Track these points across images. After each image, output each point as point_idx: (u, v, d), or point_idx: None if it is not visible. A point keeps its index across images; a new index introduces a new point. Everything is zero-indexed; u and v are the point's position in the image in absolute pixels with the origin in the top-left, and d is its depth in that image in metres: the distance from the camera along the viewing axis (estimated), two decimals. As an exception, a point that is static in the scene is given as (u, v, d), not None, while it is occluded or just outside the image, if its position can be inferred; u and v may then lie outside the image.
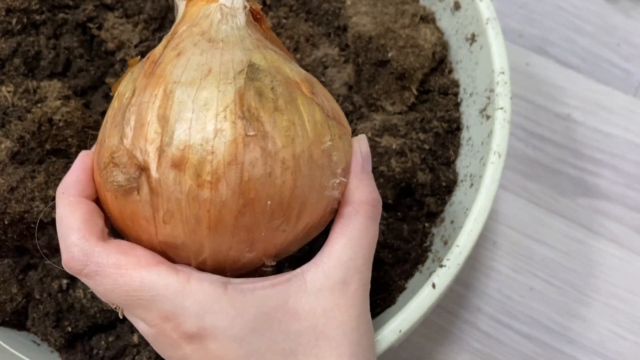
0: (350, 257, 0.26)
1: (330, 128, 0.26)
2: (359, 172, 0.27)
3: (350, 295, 0.26)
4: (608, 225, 0.51)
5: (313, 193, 0.25)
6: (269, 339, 0.24)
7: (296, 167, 0.24)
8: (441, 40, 0.42)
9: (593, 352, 0.47)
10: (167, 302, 0.24)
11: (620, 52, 0.57)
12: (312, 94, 0.26)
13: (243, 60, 0.25)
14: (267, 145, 0.23)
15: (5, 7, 0.40)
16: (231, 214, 0.23)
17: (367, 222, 0.27)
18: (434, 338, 0.48)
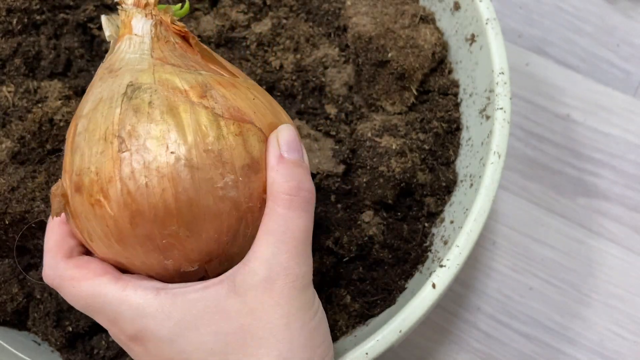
0: (273, 254, 0.25)
1: (221, 127, 0.26)
2: (274, 164, 0.26)
3: (277, 293, 0.25)
4: (607, 225, 0.51)
5: (204, 196, 0.25)
6: (197, 339, 0.25)
7: (173, 174, 0.25)
8: (441, 41, 0.42)
9: (592, 351, 0.48)
10: (109, 308, 0.26)
11: (620, 52, 0.58)
12: (202, 98, 0.26)
13: (127, 82, 0.27)
14: (142, 157, 0.25)
15: (5, 8, 0.40)
16: (125, 226, 0.25)
17: (287, 214, 0.26)
18: (434, 338, 0.48)
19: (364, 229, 0.38)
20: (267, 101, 0.29)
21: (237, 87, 0.28)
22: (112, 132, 0.25)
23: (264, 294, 0.25)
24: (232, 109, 0.27)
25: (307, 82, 0.42)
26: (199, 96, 0.26)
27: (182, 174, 0.25)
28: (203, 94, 0.27)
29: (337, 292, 0.37)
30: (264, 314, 0.25)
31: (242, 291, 0.25)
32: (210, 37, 0.43)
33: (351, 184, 0.39)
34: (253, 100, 0.28)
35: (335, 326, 0.36)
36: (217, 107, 0.26)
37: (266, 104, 0.28)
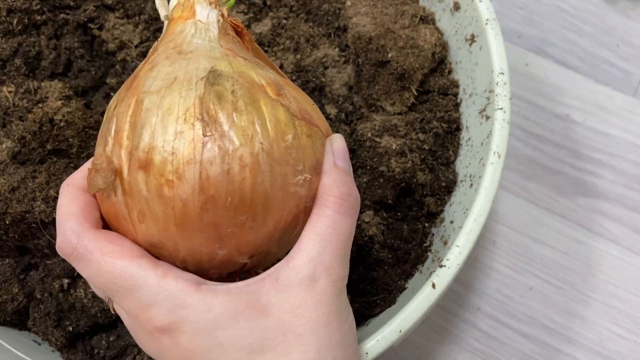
0: (318, 253, 0.26)
1: (296, 127, 0.26)
2: (329, 169, 0.27)
3: (319, 291, 0.25)
4: (607, 225, 0.51)
5: (277, 190, 0.25)
6: (234, 334, 0.25)
7: (254, 165, 0.25)
8: (441, 41, 0.42)
9: (592, 351, 0.48)
10: (143, 293, 0.25)
11: (620, 52, 0.58)
12: (278, 95, 0.27)
13: (207, 67, 0.27)
14: (224, 144, 0.25)
15: (6, 8, 0.40)
16: (194, 210, 0.25)
17: (335, 217, 0.26)
18: (434, 338, 0.48)
19: (364, 229, 0.38)
20: (317, 108, 0.30)
21: (297, 89, 0.29)
22: (193, 115, 0.25)
23: (307, 291, 0.25)
24: (303, 111, 0.27)
25: (307, 82, 0.42)
26: (276, 93, 0.27)
27: (263, 167, 0.25)
28: (279, 91, 0.27)
29: (337, 292, 0.37)
30: (305, 311, 0.25)
31: (284, 287, 0.25)
32: (210, 37, 0.43)
33: (351, 184, 0.39)
34: (312, 106, 0.29)
35: (335, 326, 0.36)
36: (291, 106, 0.27)
37: (318, 111, 0.29)
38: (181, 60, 0.27)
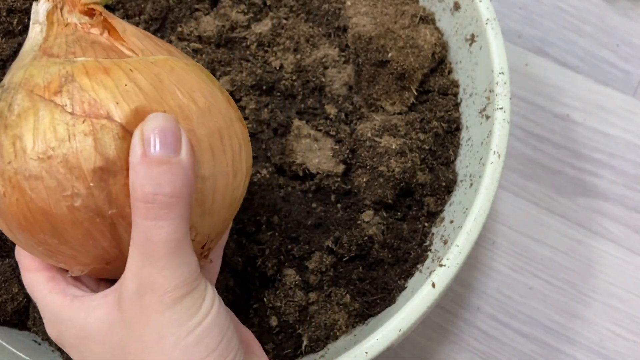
0: (138, 267, 0.23)
1: (69, 128, 0.23)
2: (134, 165, 0.23)
3: (146, 307, 0.23)
4: (607, 225, 0.51)
5: (56, 204, 0.23)
6: (94, 349, 0.25)
7: (20, 182, 0.23)
8: (441, 41, 0.42)
9: (592, 351, 0.48)
10: (40, 306, 0.27)
11: (620, 52, 0.58)
12: (56, 94, 0.24)
13: (3, 83, 0.26)
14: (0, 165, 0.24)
15: (6, 8, 0.40)
16: (6, 232, 0.25)
17: (144, 224, 0.23)
18: (434, 337, 0.48)
19: (364, 228, 0.38)
20: (157, 83, 0.25)
21: (112, 72, 0.25)
22: None
23: (136, 308, 0.24)
24: (87, 104, 0.24)
25: (307, 82, 0.42)
26: (54, 92, 0.24)
27: (25, 184, 0.23)
28: (58, 89, 0.24)
29: (337, 291, 0.37)
30: (137, 329, 0.24)
31: (121, 303, 0.24)
32: (210, 37, 0.43)
33: (351, 184, 0.39)
34: (125, 87, 0.24)
35: (335, 325, 0.36)
36: (69, 103, 0.24)
37: (148, 87, 0.25)
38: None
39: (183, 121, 0.24)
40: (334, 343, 0.35)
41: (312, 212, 0.39)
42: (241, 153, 0.27)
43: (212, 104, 0.26)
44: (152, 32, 0.43)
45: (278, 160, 0.40)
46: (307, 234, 0.38)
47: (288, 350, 0.36)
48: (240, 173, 0.28)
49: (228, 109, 0.27)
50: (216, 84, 0.28)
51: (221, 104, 0.27)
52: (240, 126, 0.28)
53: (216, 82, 0.28)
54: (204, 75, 0.27)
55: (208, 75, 0.28)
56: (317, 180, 0.39)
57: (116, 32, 0.27)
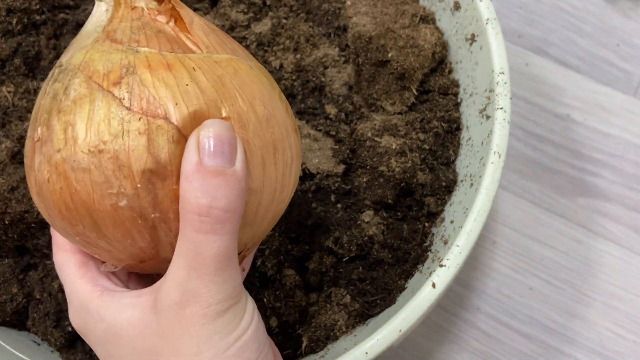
0: (183, 278, 0.23)
1: (124, 124, 0.22)
2: (188, 174, 0.22)
3: (187, 318, 0.23)
4: (607, 225, 0.51)
5: (99, 200, 0.23)
6: (119, 350, 0.24)
7: (66, 173, 0.23)
8: (441, 41, 0.42)
9: (592, 351, 0.48)
10: (67, 287, 0.26)
11: (620, 52, 0.58)
12: (115, 85, 0.23)
13: (61, 63, 0.25)
14: (47, 149, 0.23)
15: (5, 8, 0.40)
16: (47, 216, 0.25)
17: (196, 238, 0.22)
18: (434, 338, 0.48)
19: (364, 229, 0.38)
20: (219, 85, 0.24)
21: (174, 69, 0.24)
22: (34, 118, 0.24)
23: (175, 318, 0.23)
24: (146, 100, 0.22)
25: (307, 82, 0.42)
26: (113, 83, 0.23)
27: (72, 175, 0.23)
28: (118, 80, 0.23)
29: (337, 291, 0.37)
30: (174, 339, 0.23)
31: (158, 309, 0.23)
32: (210, 37, 0.43)
33: (351, 184, 0.39)
34: (186, 87, 0.23)
35: (335, 326, 0.36)
36: (127, 97, 0.23)
37: (210, 90, 0.23)
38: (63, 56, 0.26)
39: (239, 130, 0.23)
40: (334, 343, 0.35)
41: (312, 212, 0.39)
42: (292, 167, 0.26)
43: (270, 114, 0.25)
44: (151, 31, 0.43)
45: (278, 160, 0.40)
46: (307, 234, 0.38)
47: (288, 350, 0.36)
48: (287, 187, 0.26)
49: (285, 120, 0.26)
50: (277, 89, 0.27)
51: (280, 113, 0.26)
52: (294, 138, 0.27)
53: (277, 88, 0.27)
54: (266, 80, 0.26)
55: (270, 80, 0.27)
56: (317, 180, 0.39)
57: (183, 22, 0.26)
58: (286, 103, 0.27)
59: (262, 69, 0.27)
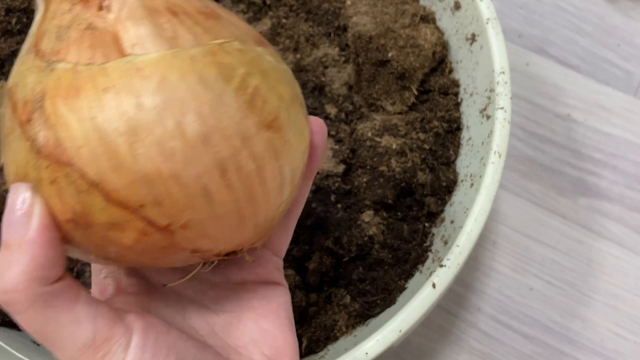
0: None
1: (38, 170, 0.19)
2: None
3: None
4: (608, 225, 0.51)
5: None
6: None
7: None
8: (441, 40, 0.42)
9: (593, 351, 0.47)
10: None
11: (620, 52, 0.57)
12: (27, 122, 0.19)
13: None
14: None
15: (5, 7, 0.40)
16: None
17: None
18: (434, 338, 0.48)
19: (364, 229, 0.38)
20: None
21: (82, 94, 0.19)
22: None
23: None
24: (52, 142, 0.19)
25: (307, 82, 0.42)
26: (26, 119, 0.19)
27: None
28: (29, 115, 0.19)
29: (337, 292, 0.37)
30: None
31: None
32: (210, 36, 0.43)
33: (351, 184, 0.39)
34: (92, 121, 0.19)
35: (335, 326, 0.35)
36: (37, 137, 0.19)
37: (119, 122, 0.19)
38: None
39: (163, 164, 0.19)
40: (334, 344, 0.35)
41: (312, 212, 0.38)
42: (264, 173, 0.21)
43: (211, 129, 0.19)
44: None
45: (278, 160, 0.39)
46: (307, 234, 0.38)
47: (288, 350, 0.35)
48: (268, 194, 0.22)
49: (243, 120, 0.20)
50: (235, 81, 0.20)
51: (230, 117, 0.20)
52: (266, 136, 0.21)
53: (237, 77, 0.20)
54: (215, 74, 0.20)
55: (227, 70, 0.20)
56: (317, 180, 0.39)
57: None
58: (254, 89, 0.21)
59: (216, 59, 0.20)
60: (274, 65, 0.23)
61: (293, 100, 0.23)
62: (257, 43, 0.23)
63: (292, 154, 0.23)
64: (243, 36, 0.22)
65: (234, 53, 0.21)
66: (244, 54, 0.21)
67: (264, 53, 0.22)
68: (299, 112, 0.23)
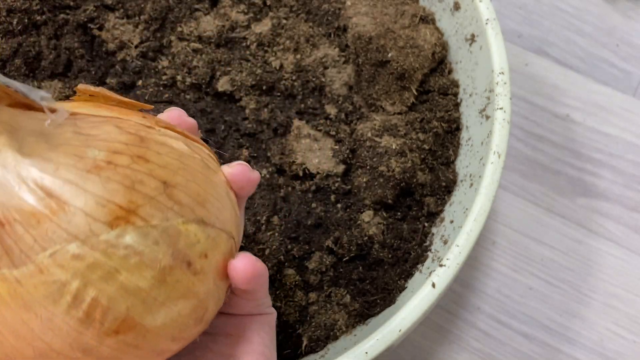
0: None
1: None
2: None
3: None
4: (607, 225, 0.51)
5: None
6: None
7: None
8: (441, 41, 0.42)
9: (592, 351, 0.48)
10: None
11: (619, 52, 0.58)
12: None
13: None
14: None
15: (6, 8, 0.40)
16: None
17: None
18: (434, 338, 0.48)
19: (364, 228, 0.38)
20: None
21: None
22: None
23: None
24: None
25: (307, 82, 0.42)
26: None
27: None
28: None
29: (337, 291, 0.37)
30: None
31: None
32: (210, 37, 0.43)
33: (351, 184, 0.39)
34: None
35: (335, 325, 0.36)
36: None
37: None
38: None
39: None
40: (334, 343, 0.35)
41: (312, 212, 0.39)
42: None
43: (44, 352, 0.19)
44: (152, 32, 0.43)
45: (278, 160, 0.40)
46: (307, 234, 0.38)
47: (288, 350, 0.36)
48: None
49: (79, 337, 0.19)
50: (66, 299, 0.19)
51: (62, 339, 0.19)
52: (112, 342, 0.20)
53: (68, 294, 0.19)
54: (41, 296, 0.19)
55: (56, 288, 0.19)
56: (317, 180, 0.39)
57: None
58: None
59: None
60: (133, 248, 0.19)
61: (169, 269, 0.20)
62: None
63: (167, 330, 0.21)
64: (97, 213, 0.19)
65: (67, 263, 0.19)
66: (80, 260, 0.19)
67: (121, 234, 0.19)
68: (178, 273, 0.21)
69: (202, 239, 0.21)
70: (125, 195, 0.19)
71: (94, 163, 0.19)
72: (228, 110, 0.42)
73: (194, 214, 0.21)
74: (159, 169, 0.21)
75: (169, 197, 0.20)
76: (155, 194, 0.20)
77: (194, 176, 0.22)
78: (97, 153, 0.20)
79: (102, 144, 0.20)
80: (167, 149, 0.21)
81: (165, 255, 0.20)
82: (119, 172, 0.20)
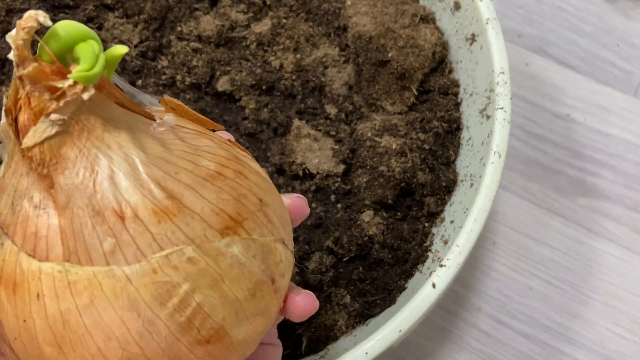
0: None
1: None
2: None
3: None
4: (607, 225, 0.51)
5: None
6: None
7: None
8: (441, 40, 0.42)
9: (592, 351, 0.48)
10: None
11: (620, 52, 0.58)
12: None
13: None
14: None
15: (6, 8, 0.40)
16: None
17: None
18: (434, 338, 0.48)
19: (364, 229, 0.38)
20: (58, 328, 0.19)
21: (18, 294, 0.19)
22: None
23: None
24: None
25: (307, 82, 0.42)
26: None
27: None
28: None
29: (337, 291, 0.37)
30: None
31: None
32: (209, 36, 0.43)
33: (351, 184, 0.39)
34: (23, 323, 0.19)
35: (335, 326, 0.35)
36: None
37: (46, 333, 0.19)
38: None
39: None
40: (334, 344, 0.35)
41: (312, 212, 0.39)
42: None
43: (132, 356, 0.19)
44: (151, 31, 0.43)
45: (278, 160, 0.40)
46: (307, 234, 0.38)
47: (288, 350, 0.36)
48: None
49: (174, 344, 0.19)
50: (173, 302, 0.19)
51: (157, 344, 0.19)
52: (201, 352, 0.20)
53: (177, 297, 0.19)
54: (150, 297, 0.18)
55: (166, 290, 0.19)
56: (317, 180, 0.39)
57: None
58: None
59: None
60: (237, 258, 0.20)
61: (260, 284, 0.21)
62: (234, 216, 0.20)
63: (243, 347, 0.21)
64: (211, 220, 0.19)
65: (181, 265, 0.19)
66: (194, 264, 0.19)
67: (230, 243, 0.20)
68: (265, 289, 0.21)
69: (283, 259, 0.22)
70: (234, 207, 0.20)
71: (207, 172, 0.20)
72: (228, 110, 0.42)
73: (279, 234, 0.22)
74: (255, 187, 0.21)
75: (264, 214, 0.21)
76: (254, 209, 0.21)
77: (277, 198, 0.23)
78: (208, 163, 0.20)
79: (209, 155, 0.21)
80: (254, 169, 0.22)
81: (259, 269, 0.21)
82: (228, 184, 0.20)
